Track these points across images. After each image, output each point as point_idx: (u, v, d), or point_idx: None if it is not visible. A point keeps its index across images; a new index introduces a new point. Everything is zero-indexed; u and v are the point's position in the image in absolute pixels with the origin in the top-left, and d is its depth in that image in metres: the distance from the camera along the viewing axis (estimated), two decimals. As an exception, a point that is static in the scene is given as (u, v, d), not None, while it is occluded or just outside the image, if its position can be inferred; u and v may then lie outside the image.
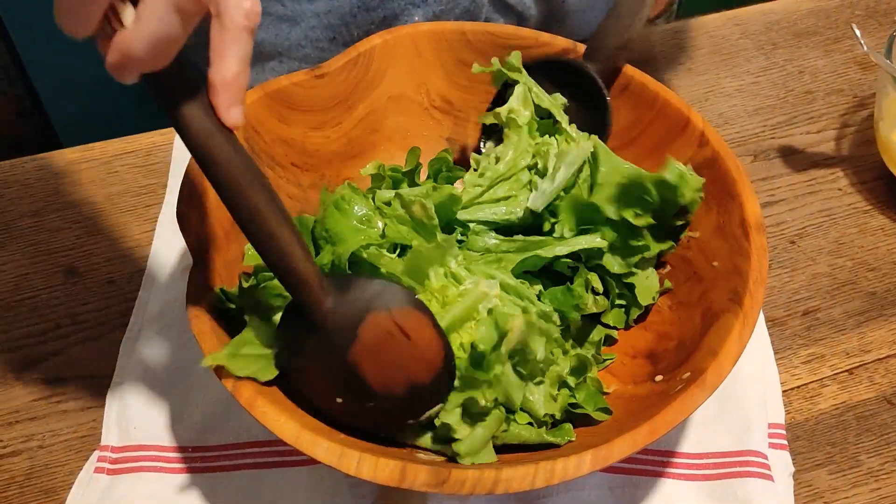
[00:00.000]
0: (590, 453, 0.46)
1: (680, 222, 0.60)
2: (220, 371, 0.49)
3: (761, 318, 0.68)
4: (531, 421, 0.54)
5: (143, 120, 0.90)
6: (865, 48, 0.73)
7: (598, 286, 0.60)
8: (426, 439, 0.52)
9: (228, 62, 0.40)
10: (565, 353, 0.56)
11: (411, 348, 0.48)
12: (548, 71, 0.67)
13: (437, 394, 0.50)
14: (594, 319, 0.61)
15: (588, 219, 0.59)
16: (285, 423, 0.47)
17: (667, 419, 0.47)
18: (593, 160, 0.60)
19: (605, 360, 0.60)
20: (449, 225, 0.61)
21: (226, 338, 0.51)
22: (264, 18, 0.87)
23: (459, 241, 0.60)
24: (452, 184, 0.64)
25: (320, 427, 0.48)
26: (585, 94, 0.65)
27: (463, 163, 0.69)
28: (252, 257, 0.55)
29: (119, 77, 0.40)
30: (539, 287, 0.59)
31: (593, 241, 0.59)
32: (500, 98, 0.68)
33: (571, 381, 0.55)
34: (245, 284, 0.53)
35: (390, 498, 0.58)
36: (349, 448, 0.46)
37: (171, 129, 0.81)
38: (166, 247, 0.72)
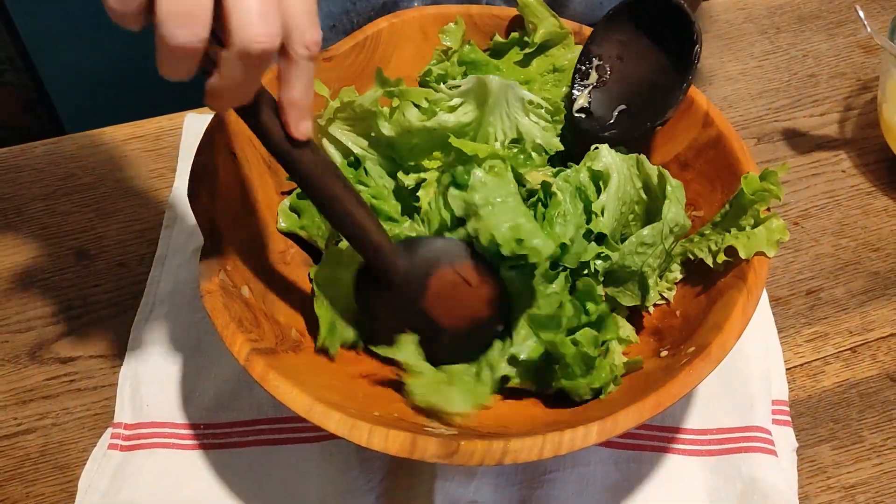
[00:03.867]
0: (596, 424, 0.46)
1: None
2: (234, 348, 0.49)
3: (765, 297, 0.68)
4: None
5: (147, 111, 0.91)
6: (869, 30, 0.74)
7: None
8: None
9: (295, 87, 0.46)
10: None
11: (472, 291, 0.56)
12: (635, 15, 0.64)
13: (494, 323, 0.57)
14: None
15: None
16: (297, 395, 0.48)
17: (672, 392, 0.48)
18: None
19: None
20: None
21: (238, 314, 0.52)
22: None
23: None
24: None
25: (332, 400, 0.49)
26: (670, 29, 0.62)
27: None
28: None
29: (216, 108, 0.46)
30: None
31: None
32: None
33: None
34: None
35: (399, 474, 0.58)
36: (360, 420, 0.47)
37: (180, 114, 0.82)
38: (176, 229, 0.72)
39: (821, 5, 0.93)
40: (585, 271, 0.58)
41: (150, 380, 0.63)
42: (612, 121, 0.64)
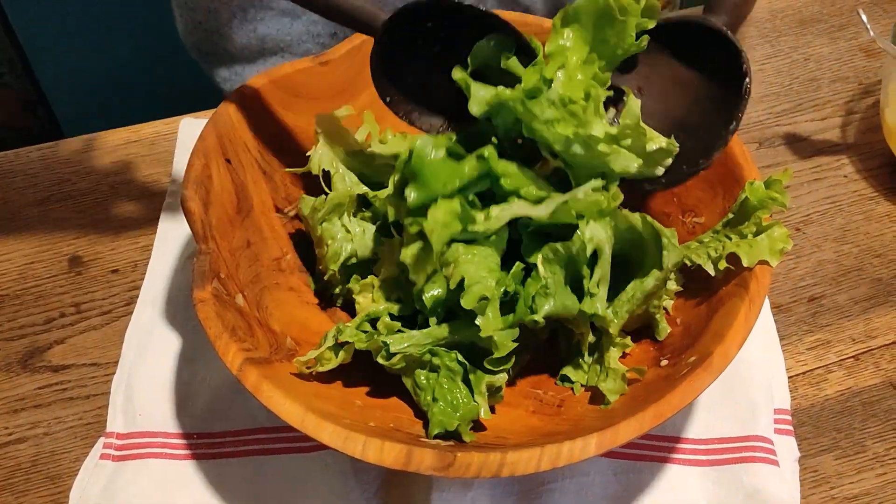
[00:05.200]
0: (595, 436, 0.46)
1: None
2: (226, 357, 0.49)
3: (766, 304, 0.68)
4: None
5: (146, 112, 0.90)
6: (872, 34, 0.73)
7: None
8: None
9: None
10: None
11: None
12: (665, 40, 0.55)
13: None
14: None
15: None
16: (290, 406, 0.47)
17: (673, 402, 0.47)
18: None
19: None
20: None
21: (231, 323, 0.51)
22: (266, 13, 0.87)
23: None
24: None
25: (326, 411, 0.48)
26: (713, 59, 0.54)
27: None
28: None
29: None
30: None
31: None
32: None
33: None
34: None
35: (395, 484, 0.58)
36: (355, 431, 0.46)
37: (175, 119, 0.81)
38: (170, 235, 0.72)
39: (822, 9, 0.92)
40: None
41: (143, 388, 0.62)
42: None
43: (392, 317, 0.56)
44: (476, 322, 0.51)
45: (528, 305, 0.53)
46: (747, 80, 0.51)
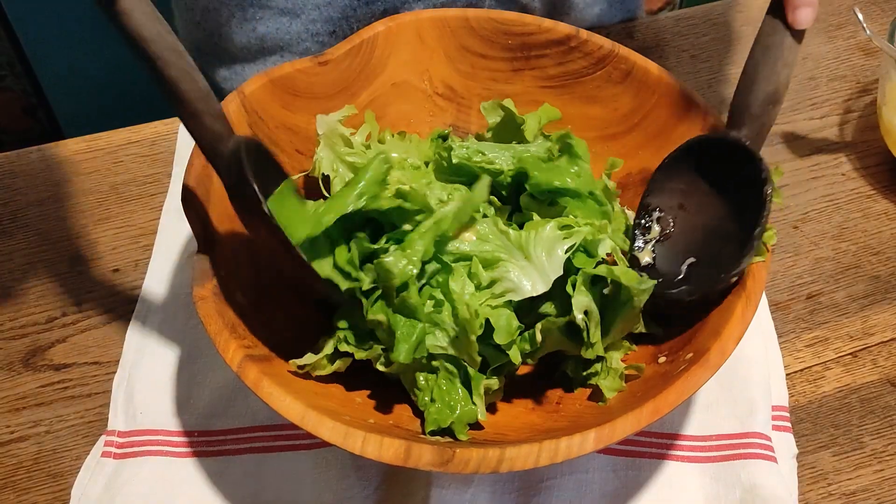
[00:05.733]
0: (593, 431, 0.46)
1: None
2: (227, 354, 0.49)
3: (764, 302, 0.68)
4: None
5: (146, 114, 0.91)
6: (868, 33, 0.73)
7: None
8: None
9: None
10: None
11: None
12: (697, 157, 0.59)
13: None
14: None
15: None
16: (291, 403, 0.47)
17: (670, 399, 0.47)
18: None
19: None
20: None
21: (231, 321, 0.52)
22: (265, 12, 0.87)
23: None
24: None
25: (326, 408, 0.48)
26: (739, 170, 0.56)
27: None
28: None
29: None
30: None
31: None
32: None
33: None
34: None
35: (395, 481, 0.58)
36: (354, 428, 0.46)
37: (175, 119, 0.81)
38: (171, 235, 0.72)
39: (820, 7, 0.92)
40: None
41: (145, 387, 0.63)
42: (681, 276, 0.58)
43: None
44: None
45: (523, 353, 0.54)
46: (767, 187, 0.54)
